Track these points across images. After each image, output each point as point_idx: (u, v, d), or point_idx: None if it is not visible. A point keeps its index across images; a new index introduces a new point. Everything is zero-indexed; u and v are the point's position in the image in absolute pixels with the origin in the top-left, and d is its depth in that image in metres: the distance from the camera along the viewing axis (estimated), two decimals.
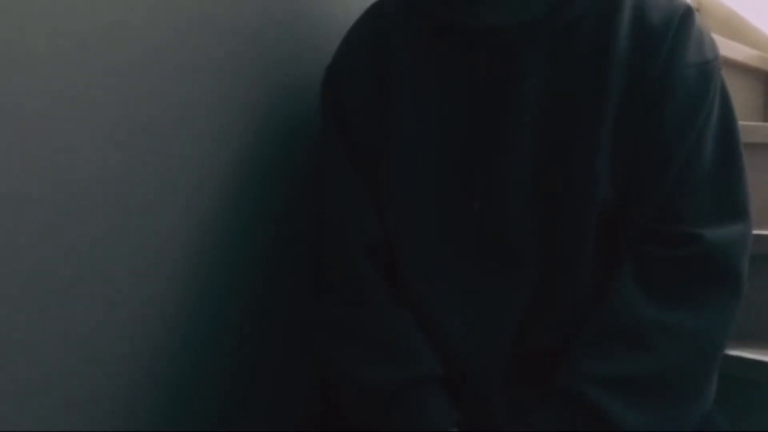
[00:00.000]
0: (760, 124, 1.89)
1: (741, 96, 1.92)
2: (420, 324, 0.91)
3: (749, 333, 1.20)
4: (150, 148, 0.94)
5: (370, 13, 1.03)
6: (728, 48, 1.80)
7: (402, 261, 0.93)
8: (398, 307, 0.92)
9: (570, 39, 0.90)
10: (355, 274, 0.94)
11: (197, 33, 0.98)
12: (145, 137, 0.94)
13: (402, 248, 0.93)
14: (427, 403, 0.88)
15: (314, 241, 0.99)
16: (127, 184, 0.92)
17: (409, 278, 0.93)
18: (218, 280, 1.04)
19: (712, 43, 0.93)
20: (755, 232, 0.93)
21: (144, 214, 0.94)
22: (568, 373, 0.86)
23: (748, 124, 1.49)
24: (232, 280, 1.06)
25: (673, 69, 0.88)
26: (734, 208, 0.90)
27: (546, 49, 0.90)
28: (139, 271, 0.95)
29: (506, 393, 0.89)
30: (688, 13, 0.91)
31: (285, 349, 1.14)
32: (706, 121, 0.90)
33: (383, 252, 0.94)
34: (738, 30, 2.08)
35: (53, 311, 0.86)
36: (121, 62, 0.90)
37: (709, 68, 0.90)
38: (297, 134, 1.11)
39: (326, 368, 0.96)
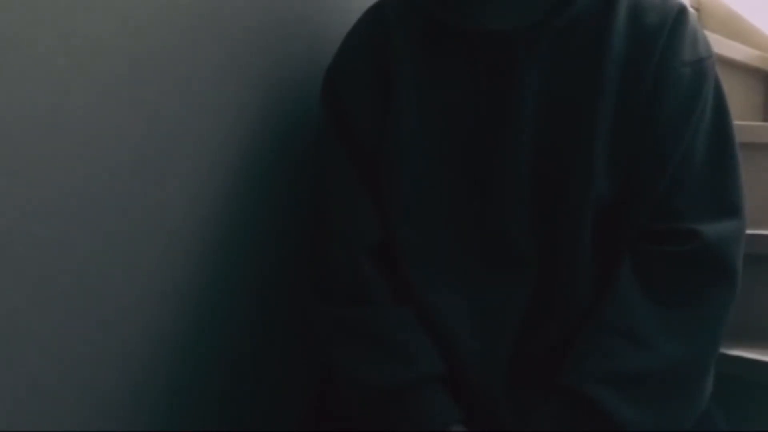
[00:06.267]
0: (760, 124, 1.89)
1: (741, 96, 1.92)
2: (422, 323, 0.91)
3: (749, 333, 1.20)
4: (152, 149, 0.94)
5: (370, 14, 1.03)
6: (728, 48, 1.80)
7: (404, 260, 0.93)
8: (400, 306, 0.92)
9: (567, 40, 0.91)
10: (358, 273, 0.94)
11: (199, 34, 0.98)
12: (147, 138, 0.94)
13: (404, 247, 0.93)
14: (429, 401, 0.88)
15: (316, 241, 0.99)
16: (129, 184, 0.92)
17: (412, 277, 0.93)
18: (219, 280, 1.04)
19: (706, 41, 0.94)
20: (756, 232, 0.93)
21: (146, 214, 0.94)
22: (569, 370, 0.86)
23: (748, 124, 1.49)
24: (233, 280, 1.06)
25: (668, 68, 0.90)
26: (730, 204, 0.91)
27: (544, 50, 0.91)
28: (140, 271, 0.95)
29: (509, 391, 0.90)
30: (682, 12, 0.92)
31: (285, 349, 1.14)
32: (700, 119, 0.91)
33: (385, 251, 0.94)
34: (738, 30, 2.08)
35: (54, 311, 0.86)
36: (123, 63, 0.90)
37: (703, 66, 0.92)
38: (299, 134, 1.11)
39: (329, 368, 0.96)
